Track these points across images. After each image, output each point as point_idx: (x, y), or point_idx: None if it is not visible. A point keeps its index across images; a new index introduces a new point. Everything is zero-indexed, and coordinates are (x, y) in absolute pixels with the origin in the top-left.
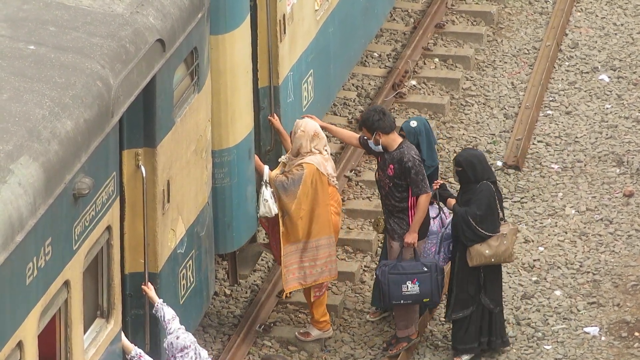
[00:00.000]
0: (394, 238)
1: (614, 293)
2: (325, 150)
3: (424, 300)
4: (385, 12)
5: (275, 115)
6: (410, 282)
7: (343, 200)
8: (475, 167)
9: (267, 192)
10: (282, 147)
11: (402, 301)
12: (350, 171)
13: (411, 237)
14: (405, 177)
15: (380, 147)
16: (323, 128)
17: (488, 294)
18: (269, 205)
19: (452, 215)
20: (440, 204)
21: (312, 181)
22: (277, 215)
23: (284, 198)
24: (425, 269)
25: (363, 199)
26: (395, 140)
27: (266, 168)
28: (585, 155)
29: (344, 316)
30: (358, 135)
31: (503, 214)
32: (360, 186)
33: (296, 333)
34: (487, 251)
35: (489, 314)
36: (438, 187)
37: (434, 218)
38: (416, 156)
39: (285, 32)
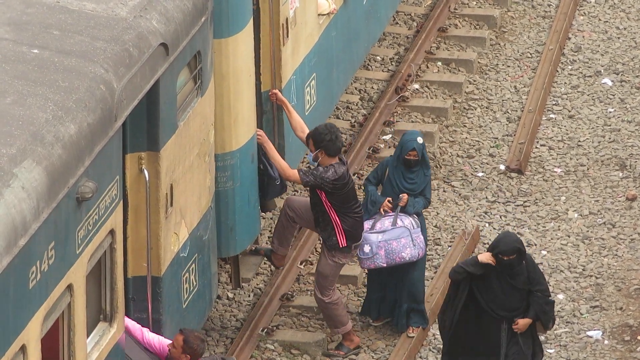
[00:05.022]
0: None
1: (617, 297)
2: None
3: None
4: (388, 15)
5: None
6: None
7: None
8: (525, 250)
9: None
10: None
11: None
12: (353, 175)
13: (263, 138)
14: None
15: (315, 163)
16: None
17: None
18: None
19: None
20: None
21: None
22: None
23: None
24: (278, 180)
25: None
26: (330, 163)
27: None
28: (588, 159)
29: None
30: (307, 132)
31: None
32: (363, 190)
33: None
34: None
35: None
36: (404, 204)
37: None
38: (331, 177)
39: (288, 36)
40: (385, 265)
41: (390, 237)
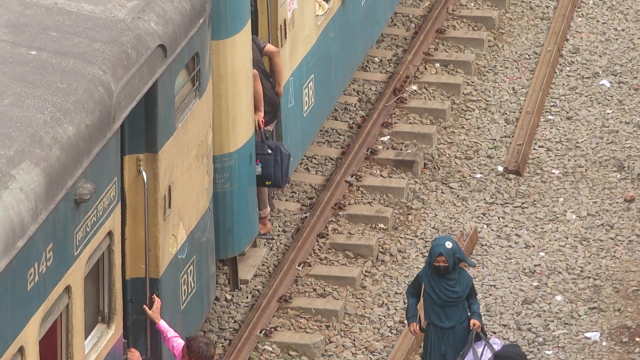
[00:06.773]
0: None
1: (615, 298)
2: None
3: (266, 183)
4: (387, 17)
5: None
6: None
7: (344, 205)
8: None
9: None
10: None
11: None
12: (351, 176)
13: (258, 116)
14: None
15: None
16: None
17: None
18: None
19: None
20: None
21: None
22: None
23: None
24: (270, 152)
25: (364, 204)
26: None
27: None
28: (586, 161)
29: (345, 321)
30: None
31: None
32: (361, 191)
33: None
34: None
35: None
36: (480, 330)
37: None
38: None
39: (286, 37)
40: None
41: None
